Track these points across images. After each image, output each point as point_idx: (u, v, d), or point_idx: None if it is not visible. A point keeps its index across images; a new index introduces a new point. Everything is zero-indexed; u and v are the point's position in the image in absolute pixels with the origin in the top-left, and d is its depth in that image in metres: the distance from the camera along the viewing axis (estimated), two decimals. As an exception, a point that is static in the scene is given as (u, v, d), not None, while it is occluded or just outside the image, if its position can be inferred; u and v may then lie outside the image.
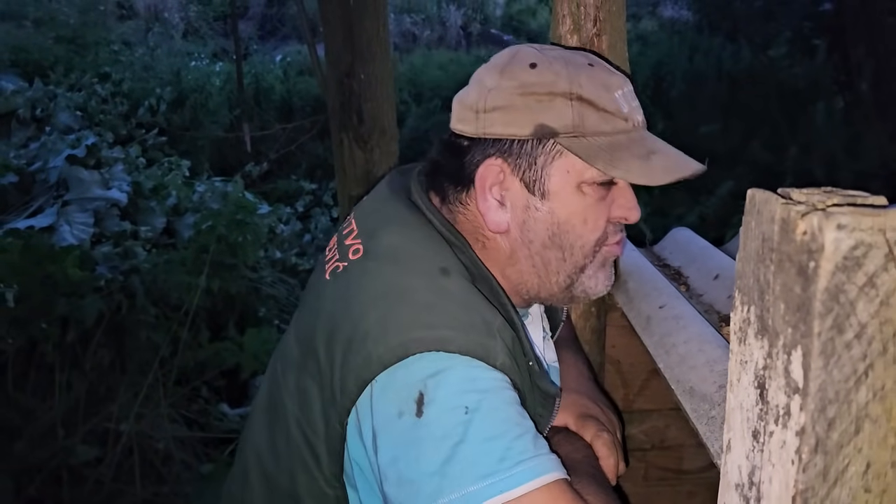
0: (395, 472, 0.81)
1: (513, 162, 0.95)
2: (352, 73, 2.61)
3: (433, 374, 0.82)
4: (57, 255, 3.55)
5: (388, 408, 0.82)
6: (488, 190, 0.96)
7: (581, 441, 1.03)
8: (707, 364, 0.91)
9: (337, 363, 0.87)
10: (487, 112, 0.94)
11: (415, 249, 0.93)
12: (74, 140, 5.10)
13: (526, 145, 0.94)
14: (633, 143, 0.94)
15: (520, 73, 0.94)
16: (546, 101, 0.92)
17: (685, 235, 1.70)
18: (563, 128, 0.91)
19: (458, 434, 0.79)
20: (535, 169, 0.94)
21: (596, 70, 0.95)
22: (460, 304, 0.88)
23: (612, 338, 1.47)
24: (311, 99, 8.33)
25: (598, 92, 0.92)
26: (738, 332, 0.52)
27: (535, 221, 0.96)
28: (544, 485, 0.78)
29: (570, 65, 0.94)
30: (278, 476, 0.98)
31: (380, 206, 1.01)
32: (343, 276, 0.95)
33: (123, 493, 3.38)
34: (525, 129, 0.92)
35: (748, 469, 0.50)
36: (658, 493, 1.61)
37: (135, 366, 3.74)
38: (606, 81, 0.94)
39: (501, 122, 0.93)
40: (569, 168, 0.94)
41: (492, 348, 0.85)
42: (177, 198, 4.88)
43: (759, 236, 0.48)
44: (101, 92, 7.19)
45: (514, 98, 0.93)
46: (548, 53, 0.96)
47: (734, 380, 0.53)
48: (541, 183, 0.95)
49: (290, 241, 5.58)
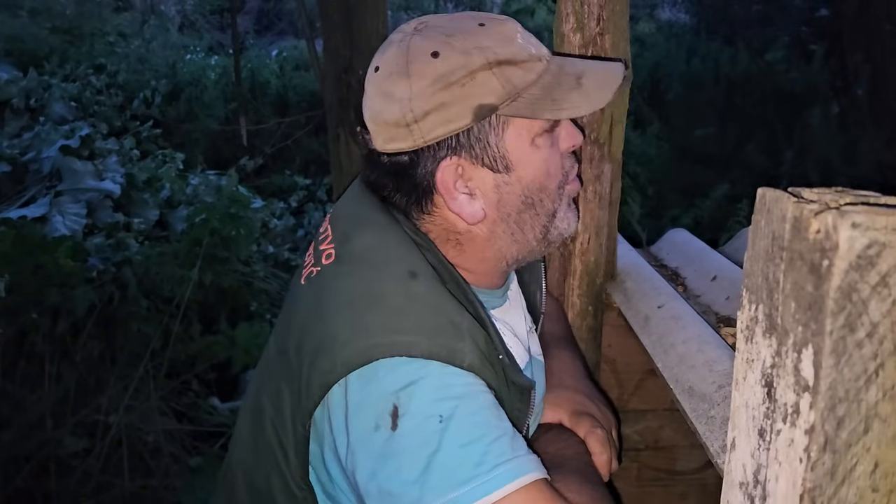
0: (374, 486, 0.81)
1: (467, 153, 0.93)
2: (350, 69, 2.61)
3: (405, 386, 0.82)
4: (49, 245, 3.53)
5: (363, 423, 0.82)
6: (454, 189, 0.94)
7: (574, 437, 1.03)
8: (706, 364, 0.91)
9: (305, 366, 0.88)
10: (419, 121, 0.90)
11: (384, 253, 0.92)
12: (68, 131, 5.07)
13: (472, 132, 0.92)
14: (560, 76, 0.93)
15: (427, 69, 0.90)
16: (470, 83, 0.89)
17: (682, 237, 1.70)
18: (498, 98, 0.90)
19: (434, 443, 0.79)
20: (491, 148, 0.93)
21: (490, 27, 0.93)
22: (428, 307, 0.88)
23: (608, 337, 1.47)
24: (307, 94, 8.30)
25: (508, 47, 0.91)
26: (745, 330, 0.51)
27: (508, 195, 0.96)
28: (523, 486, 0.78)
29: (465, 34, 0.91)
30: (256, 475, 0.98)
31: (352, 209, 1.01)
32: (316, 281, 0.95)
33: (111, 486, 3.36)
34: (466, 119, 0.90)
35: (753, 467, 0.50)
36: (651, 494, 1.62)
37: (125, 358, 3.72)
38: (503, 33, 0.93)
39: (440, 123, 0.90)
40: (520, 132, 0.93)
41: (458, 350, 0.85)
42: (170, 190, 4.86)
43: (768, 235, 0.48)
44: (95, 83, 7.15)
45: (439, 95, 0.89)
46: (432, 34, 0.92)
47: (740, 378, 0.52)
48: (501, 158, 0.94)
49: (284, 236, 5.57)
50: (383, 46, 0.97)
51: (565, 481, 0.87)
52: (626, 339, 1.43)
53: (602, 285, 1.40)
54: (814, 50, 7.55)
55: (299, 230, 5.79)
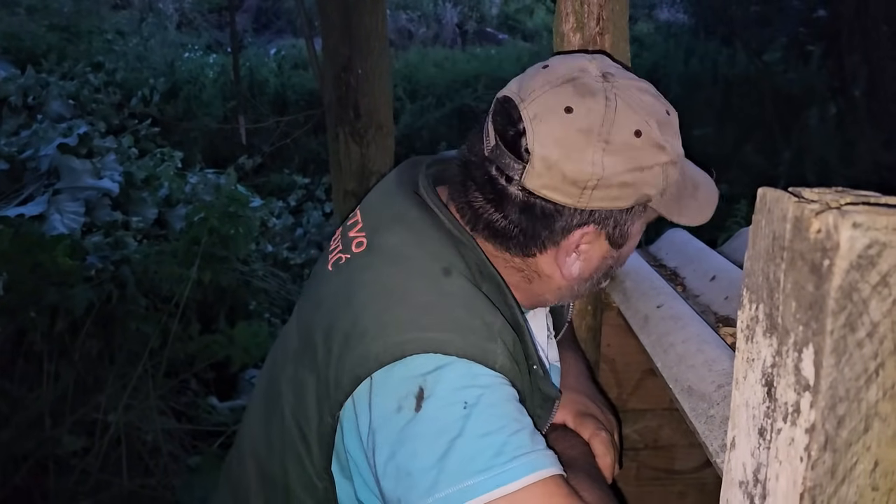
0: (393, 466, 0.81)
1: (606, 226, 0.93)
2: (349, 68, 2.61)
3: (433, 370, 0.82)
4: (47, 243, 3.52)
5: (386, 403, 0.82)
6: (573, 250, 0.94)
7: (578, 438, 1.04)
8: (706, 363, 0.92)
9: (333, 357, 0.87)
10: (597, 189, 0.88)
11: (418, 248, 0.92)
12: (66, 129, 5.07)
13: (624, 213, 0.93)
14: (684, 180, 0.95)
15: (627, 147, 0.87)
16: (648, 172, 0.89)
17: (681, 237, 1.70)
18: (656, 192, 0.91)
19: (456, 429, 0.79)
20: (623, 228, 0.94)
21: (672, 119, 0.92)
22: (461, 305, 0.87)
23: (607, 337, 1.47)
24: (306, 93, 8.31)
25: (678, 146, 0.92)
26: (746, 329, 0.52)
27: (605, 266, 0.99)
28: (540, 479, 0.78)
29: (661, 125, 0.89)
30: (271, 464, 0.98)
31: (386, 201, 1.00)
32: (345, 268, 0.94)
33: (110, 485, 3.36)
34: (629, 201, 0.90)
35: (753, 466, 0.50)
36: (649, 493, 1.62)
37: (124, 357, 3.72)
38: (675, 127, 0.93)
39: (609, 199, 0.89)
40: (647, 219, 0.97)
41: (490, 351, 0.85)
42: (169, 189, 4.86)
43: (769, 234, 0.48)
44: (93, 81, 7.15)
45: (625, 176, 0.87)
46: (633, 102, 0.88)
47: (740, 377, 0.53)
48: (624, 237, 0.95)
49: (282, 234, 5.58)
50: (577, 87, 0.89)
51: (576, 480, 0.87)
52: (625, 339, 1.43)
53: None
54: (811, 51, 7.57)
55: (298, 229, 5.79)
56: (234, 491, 1.05)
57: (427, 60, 9.46)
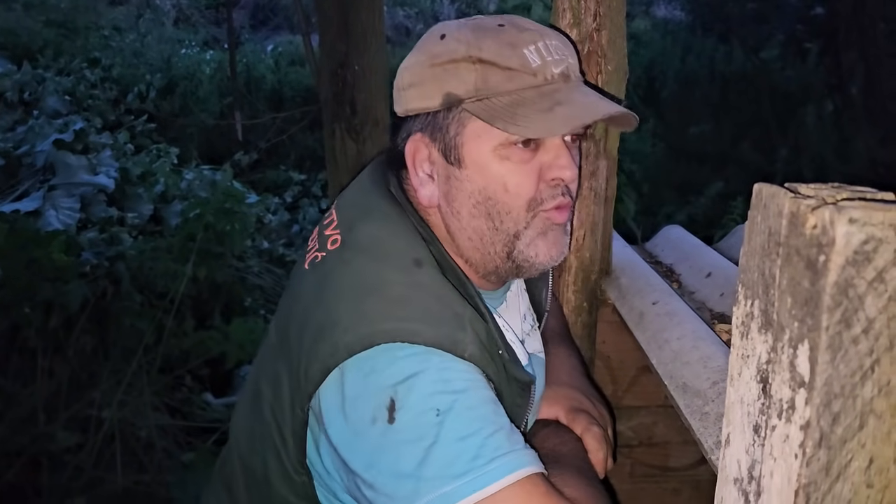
0: (370, 476, 0.81)
1: (430, 134, 0.95)
2: (346, 64, 2.60)
3: (404, 380, 0.82)
4: (42, 239, 3.51)
5: (360, 414, 0.82)
6: (418, 166, 0.97)
7: (570, 434, 1.03)
8: (701, 360, 0.91)
9: (304, 349, 0.88)
10: (405, 89, 0.96)
11: (391, 242, 0.93)
12: (62, 125, 5.05)
13: (438, 116, 0.94)
14: (541, 96, 0.91)
15: (429, 46, 0.95)
16: (451, 69, 0.92)
17: (677, 233, 1.70)
18: (466, 93, 0.91)
19: (431, 436, 0.79)
20: (449, 138, 0.94)
21: (505, 30, 0.93)
22: (432, 296, 0.88)
23: (602, 333, 1.47)
24: (302, 89, 8.29)
25: (501, 51, 0.91)
26: (741, 326, 0.51)
27: (457, 191, 0.95)
28: (519, 480, 0.78)
29: (477, 30, 0.93)
30: (252, 459, 0.99)
31: (360, 197, 1.01)
32: (321, 266, 0.95)
33: (104, 481, 3.35)
34: (435, 100, 0.93)
35: (748, 463, 0.50)
36: (643, 490, 1.62)
37: (118, 353, 3.71)
38: (514, 39, 0.92)
39: (416, 97, 0.94)
40: (479, 133, 0.93)
41: (459, 341, 0.85)
42: (164, 185, 4.84)
43: (765, 230, 0.47)
44: (90, 77, 7.12)
45: (425, 71, 0.94)
46: (462, 24, 0.96)
47: (735, 374, 0.52)
48: (455, 151, 0.94)
49: (278, 231, 5.56)
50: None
51: (562, 477, 0.87)
52: (621, 336, 1.43)
53: (597, 281, 1.40)
54: (809, 48, 7.57)
55: (294, 226, 5.77)
56: (226, 486, 1.05)
57: (425, 57, 9.42)
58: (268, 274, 4.87)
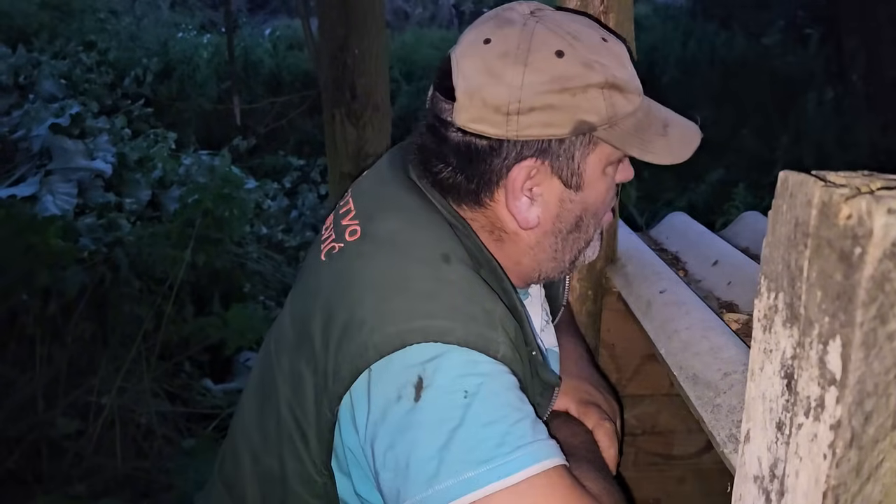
0: (392, 457, 0.79)
1: (550, 161, 0.90)
2: (346, 48, 2.56)
3: (432, 358, 0.79)
4: (39, 225, 3.49)
5: (385, 393, 0.80)
6: (521, 191, 0.91)
7: (581, 426, 1.02)
8: (711, 351, 0.90)
9: (332, 349, 0.85)
10: (522, 114, 0.86)
11: (415, 234, 0.89)
12: (58, 109, 5.01)
13: (564, 143, 0.89)
14: (648, 116, 0.92)
15: (548, 66, 0.85)
16: (581, 95, 0.86)
17: (682, 220, 1.69)
18: (599, 120, 0.88)
19: (456, 418, 0.77)
20: (573, 164, 0.91)
21: (610, 45, 0.90)
22: (461, 293, 0.85)
23: (607, 322, 1.45)
24: (301, 73, 8.23)
25: (622, 72, 0.89)
26: (763, 319, 0.49)
27: (567, 212, 0.94)
28: (543, 470, 0.76)
29: (591, 47, 0.88)
30: (267, 459, 0.95)
31: (379, 186, 0.97)
32: (339, 258, 0.91)
33: (104, 467, 3.35)
34: (565, 129, 0.87)
35: (770, 461, 0.48)
36: (647, 479, 1.61)
37: (117, 339, 3.70)
38: (621, 56, 0.90)
39: (540, 124, 0.86)
40: (601, 157, 0.92)
41: (492, 340, 0.82)
42: (162, 170, 4.82)
43: (791, 220, 0.46)
44: (86, 60, 7.06)
45: (551, 97, 0.85)
46: (557, 29, 0.89)
47: (756, 368, 0.51)
48: (578, 177, 0.92)
49: (277, 217, 5.54)
50: (497, 20, 0.91)
51: (579, 469, 0.85)
52: (626, 324, 1.41)
53: (602, 269, 1.39)
54: (810, 34, 7.52)
55: (293, 211, 5.75)
56: (228, 487, 1.02)
57: (423, 41, 9.37)
58: (266, 260, 4.86)
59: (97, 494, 3.14)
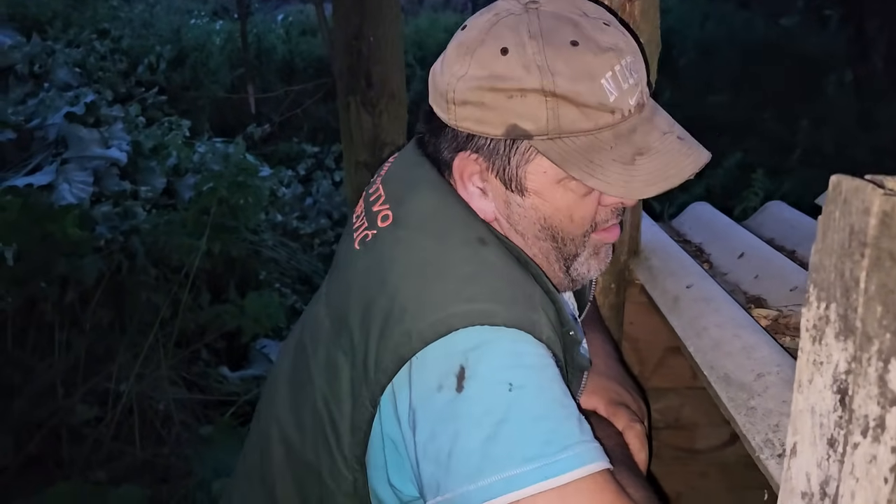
0: (433, 448, 0.76)
1: (487, 159, 0.88)
2: (361, 36, 2.53)
3: (475, 347, 0.77)
4: (56, 214, 3.50)
5: (426, 381, 0.78)
6: (468, 179, 0.90)
7: (612, 428, 0.99)
8: (743, 350, 0.87)
9: (373, 339, 0.82)
10: (458, 105, 0.85)
11: (448, 218, 0.87)
12: (73, 97, 5.01)
13: (499, 144, 0.86)
14: (618, 139, 0.83)
15: (489, 61, 0.83)
16: (518, 98, 0.82)
17: (705, 210, 1.66)
18: (536, 130, 0.82)
19: (501, 412, 0.74)
20: (511, 168, 0.87)
21: (579, 51, 0.82)
22: (502, 275, 0.83)
23: (630, 315, 1.43)
24: (314, 60, 8.19)
25: (577, 85, 0.81)
26: (812, 329, 0.47)
27: (520, 217, 0.90)
28: (590, 474, 0.73)
29: (548, 46, 0.81)
30: (304, 451, 0.93)
31: (407, 171, 0.95)
32: (373, 245, 0.89)
33: (123, 453, 3.38)
34: (497, 130, 0.84)
35: (820, 479, 0.46)
36: (670, 473, 1.59)
37: (135, 327, 3.71)
38: (591, 66, 0.81)
39: (473, 119, 0.85)
40: (545, 169, 0.86)
41: (537, 322, 0.80)
42: (177, 158, 4.81)
43: (845, 228, 0.43)
44: (99, 48, 7.05)
45: (484, 94, 0.83)
46: (521, 27, 0.83)
47: (804, 380, 0.49)
48: (518, 181, 0.88)
49: (292, 204, 5.53)
50: (491, 6, 0.89)
51: (620, 476, 0.82)
52: (649, 317, 1.39)
53: (625, 262, 1.36)
54: (830, 15, 7.39)
55: (307, 198, 5.74)
56: (255, 479, 1.01)
57: (437, 26, 9.30)
58: (282, 247, 4.86)
59: (117, 480, 3.16)
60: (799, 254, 1.37)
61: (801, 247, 1.39)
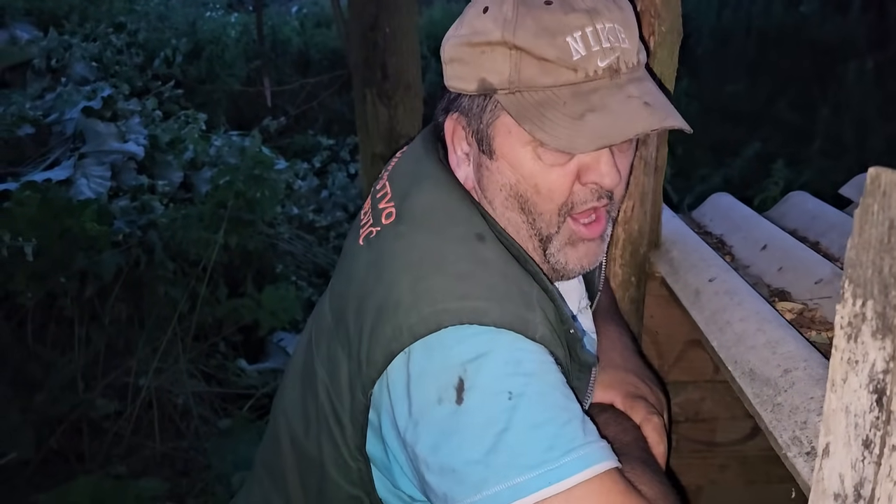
0: (436, 460, 0.77)
1: (466, 117, 0.90)
2: (376, 27, 2.52)
3: (473, 359, 0.77)
4: (74, 208, 3.52)
5: (426, 394, 0.78)
6: (456, 144, 0.93)
7: (629, 422, 0.98)
8: (768, 345, 0.86)
9: (365, 332, 0.83)
10: (447, 64, 0.90)
11: (449, 214, 0.87)
12: (90, 91, 5.04)
13: (474, 101, 0.89)
14: (575, 97, 0.82)
15: (472, 19, 0.87)
16: (488, 52, 0.84)
17: (726, 201, 1.63)
18: (500, 83, 0.84)
19: (503, 421, 0.74)
20: (482, 127, 0.89)
21: (550, 9, 0.82)
22: (497, 273, 0.82)
23: (650, 308, 1.41)
24: (329, 52, 8.18)
25: (538, 39, 0.81)
26: (847, 326, 0.46)
27: (488, 181, 0.90)
28: (596, 475, 0.73)
29: (523, 5, 0.83)
30: (307, 444, 0.94)
31: (412, 167, 0.96)
32: (376, 241, 0.90)
33: (143, 447, 3.41)
34: (471, 84, 0.87)
35: (854, 480, 0.45)
36: (689, 466, 1.58)
37: (153, 321, 3.74)
38: (557, 23, 0.81)
39: (456, 77, 0.89)
40: (510, 128, 0.86)
41: (530, 321, 0.80)
42: (194, 152, 4.83)
43: (884, 222, 0.42)
44: (116, 42, 7.07)
45: (463, 50, 0.87)
46: None
47: (838, 378, 0.47)
48: (487, 141, 0.89)
49: (308, 197, 5.54)
50: None
51: (633, 471, 0.82)
52: (669, 310, 1.38)
53: (646, 255, 1.35)
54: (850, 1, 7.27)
55: (323, 191, 5.75)
56: (269, 472, 1.02)
57: (452, 17, 9.22)
58: (298, 240, 4.87)
59: (137, 474, 3.20)
60: (823, 245, 1.35)
61: (824, 238, 1.37)
